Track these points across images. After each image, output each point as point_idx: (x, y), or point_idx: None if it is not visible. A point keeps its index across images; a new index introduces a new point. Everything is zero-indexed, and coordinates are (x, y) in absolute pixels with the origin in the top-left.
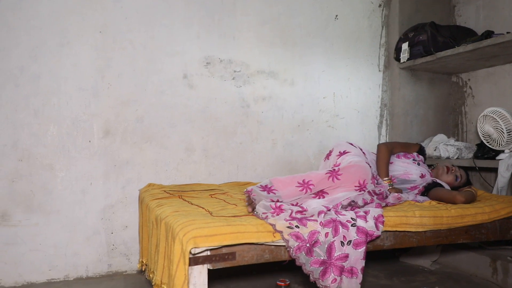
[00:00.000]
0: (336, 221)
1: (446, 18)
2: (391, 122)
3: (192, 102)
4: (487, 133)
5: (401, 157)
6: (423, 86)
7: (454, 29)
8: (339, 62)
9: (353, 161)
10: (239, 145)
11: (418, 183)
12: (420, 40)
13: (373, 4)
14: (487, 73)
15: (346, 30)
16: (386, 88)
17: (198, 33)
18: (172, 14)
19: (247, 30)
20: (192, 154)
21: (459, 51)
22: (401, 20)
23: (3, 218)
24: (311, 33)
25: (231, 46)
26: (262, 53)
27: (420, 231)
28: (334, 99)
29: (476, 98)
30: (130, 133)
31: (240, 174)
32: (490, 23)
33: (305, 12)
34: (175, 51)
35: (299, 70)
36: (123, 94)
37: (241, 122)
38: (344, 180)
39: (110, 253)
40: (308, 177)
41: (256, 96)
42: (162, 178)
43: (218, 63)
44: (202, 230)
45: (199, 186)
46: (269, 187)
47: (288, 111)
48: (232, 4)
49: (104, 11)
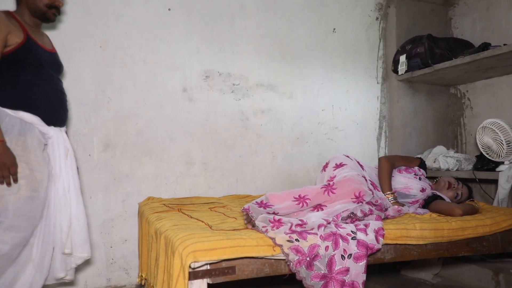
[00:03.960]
0: (336, 234)
1: (443, 31)
2: (390, 134)
3: (191, 116)
4: (487, 145)
5: (402, 171)
6: (422, 98)
7: (451, 41)
8: (338, 74)
9: (347, 175)
10: (239, 158)
11: (419, 197)
12: (417, 53)
13: (371, 17)
14: (485, 84)
15: (344, 43)
16: (385, 100)
17: (197, 47)
18: (172, 28)
19: (246, 43)
20: (191, 167)
21: (456, 63)
22: (399, 32)
23: None
24: (310, 46)
25: (230, 60)
26: (261, 66)
27: (421, 244)
28: (333, 112)
29: (474, 110)
30: (130, 147)
31: (239, 187)
32: (486, 35)
33: (303, 26)
34: (175, 65)
35: (298, 83)
36: (123, 108)
37: (241, 135)
38: (339, 193)
39: (109, 267)
40: (304, 192)
41: (255, 109)
42: (162, 192)
43: (218, 77)
44: (201, 244)
45: (199, 199)
46: (265, 203)
47: (287, 124)
48: (231, 19)
49: (105, 26)
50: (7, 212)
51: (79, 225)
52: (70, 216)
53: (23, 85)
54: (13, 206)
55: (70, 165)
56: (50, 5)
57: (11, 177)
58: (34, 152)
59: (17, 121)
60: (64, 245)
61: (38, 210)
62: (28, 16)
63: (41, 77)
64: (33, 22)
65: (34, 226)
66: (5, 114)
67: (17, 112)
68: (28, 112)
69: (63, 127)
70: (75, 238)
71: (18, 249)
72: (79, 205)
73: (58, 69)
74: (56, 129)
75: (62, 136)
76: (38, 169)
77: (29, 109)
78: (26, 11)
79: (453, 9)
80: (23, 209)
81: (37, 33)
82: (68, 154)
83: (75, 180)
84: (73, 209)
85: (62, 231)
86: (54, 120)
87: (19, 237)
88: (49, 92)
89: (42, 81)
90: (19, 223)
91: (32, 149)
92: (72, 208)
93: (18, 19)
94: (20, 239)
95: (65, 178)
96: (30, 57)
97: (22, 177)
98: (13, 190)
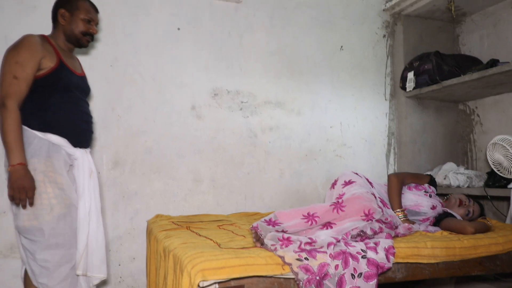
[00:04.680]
0: (346, 253)
1: (451, 47)
2: (399, 151)
3: (200, 133)
4: (497, 161)
5: (412, 188)
6: (430, 114)
7: (459, 58)
8: (346, 91)
9: (356, 192)
10: (247, 175)
11: (429, 215)
12: (425, 69)
13: (378, 35)
14: (494, 100)
15: (352, 60)
16: (393, 116)
17: (206, 65)
18: (181, 46)
19: (254, 61)
20: (200, 184)
21: (465, 80)
22: (406, 50)
23: (12, 250)
24: (317, 64)
25: (238, 77)
26: (269, 83)
27: (432, 263)
28: (341, 128)
29: (484, 126)
30: (139, 164)
31: (248, 204)
32: (494, 51)
33: (311, 43)
34: (183, 82)
35: (306, 100)
36: (132, 126)
37: (249, 152)
38: (349, 211)
39: (117, 286)
40: (313, 210)
41: (263, 126)
42: (170, 209)
43: (226, 94)
44: (210, 262)
45: (207, 217)
46: (274, 221)
47: (295, 141)
48: (239, 37)
49: (115, 45)
50: (42, 232)
51: (97, 246)
52: (88, 237)
53: (51, 108)
54: (47, 226)
55: (93, 186)
56: (86, 32)
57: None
58: (62, 172)
59: (45, 143)
60: (77, 266)
61: (71, 227)
62: (63, 40)
63: (69, 100)
64: (67, 46)
65: (72, 242)
66: (34, 136)
67: (46, 134)
68: (55, 134)
69: (88, 148)
70: (93, 258)
71: (65, 265)
72: (99, 225)
73: (86, 92)
74: (82, 151)
75: (87, 157)
76: (67, 189)
77: (57, 131)
78: (62, 36)
79: (460, 26)
80: (57, 228)
81: (69, 57)
82: (92, 175)
83: (97, 201)
84: (93, 230)
85: (78, 251)
86: (80, 142)
87: (59, 253)
88: (76, 115)
89: (70, 104)
90: (56, 240)
91: (60, 169)
92: (91, 229)
93: (52, 44)
94: (61, 255)
95: (87, 199)
96: (60, 82)
97: (54, 196)
98: (47, 210)
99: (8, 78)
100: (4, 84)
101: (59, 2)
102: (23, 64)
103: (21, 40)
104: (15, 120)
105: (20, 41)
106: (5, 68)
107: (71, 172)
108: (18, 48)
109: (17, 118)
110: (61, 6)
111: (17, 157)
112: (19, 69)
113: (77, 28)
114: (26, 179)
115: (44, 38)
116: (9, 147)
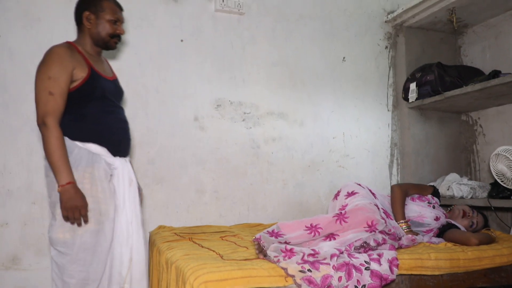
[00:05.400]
0: (349, 264)
1: (453, 58)
2: (402, 162)
3: (203, 144)
4: (501, 172)
5: (415, 199)
6: (433, 125)
7: (461, 69)
8: (348, 102)
9: (359, 203)
10: (250, 186)
11: (433, 226)
12: (427, 80)
13: (380, 46)
14: (497, 111)
15: (354, 71)
16: (396, 127)
17: (209, 76)
18: (184, 58)
19: (257, 72)
20: (202, 195)
21: (467, 91)
22: (408, 61)
23: (14, 261)
24: (320, 75)
25: (241, 88)
26: (271, 94)
27: (436, 275)
28: (343, 139)
29: (487, 137)
30: (142, 175)
31: (251, 215)
32: (496, 63)
33: (313, 55)
34: (186, 94)
35: (308, 111)
36: (135, 137)
37: (252, 163)
38: (352, 222)
39: None
40: (316, 221)
41: (266, 137)
42: (173, 220)
43: (229, 105)
44: (213, 274)
45: (210, 228)
46: (277, 232)
47: (298, 152)
48: (241, 48)
49: (119, 58)
50: (73, 245)
51: (138, 259)
52: (132, 250)
53: (88, 118)
54: (79, 240)
55: (133, 196)
56: (113, 34)
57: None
58: (101, 183)
59: (85, 153)
60: (124, 279)
61: (103, 245)
62: (90, 45)
63: (105, 109)
64: (94, 51)
65: (100, 261)
66: (75, 146)
67: (85, 144)
68: (95, 143)
69: (127, 157)
70: (134, 272)
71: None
72: (140, 238)
73: (120, 96)
74: (122, 160)
75: (127, 166)
76: (104, 201)
77: (96, 141)
78: (88, 40)
79: (462, 38)
80: (88, 242)
81: (98, 61)
82: (132, 184)
83: (137, 212)
84: (134, 242)
85: (123, 265)
86: (119, 151)
87: (85, 271)
88: (113, 123)
89: (106, 113)
90: (84, 256)
91: (99, 180)
92: (133, 241)
93: (81, 52)
94: (86, 274)
95: (128, 210)
96: (95, 91)
97: (88, 210)
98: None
99: (44, 96)
100: (41, 102)
101: (83, 4)
102: (56, 78)
103: (50, 53)
104: (58, 139)
105: (48, 55)
106: (38, 85)
107: (111, 183)
108: (48, 62)
109: (59, 136)
110: (85, 9)
111: (65, 177)
112: (53, 84)
113: (104, 30)
114: (77, 198)
115: (71, 47)
116: (56, 166)
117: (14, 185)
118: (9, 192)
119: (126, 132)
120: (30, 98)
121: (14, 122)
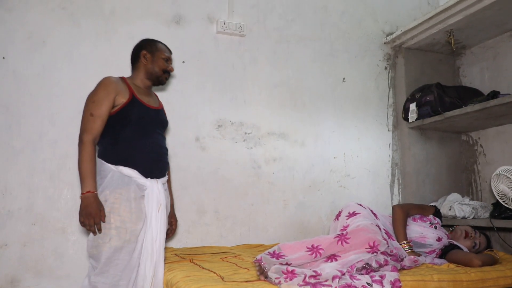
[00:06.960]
0: (351, 286)
1: (452, 79)
2: (403, 181)
3: (204, 164)
4: (502, 192)
5: (417, 220)
6: (433, 145)
7: (460, 90)
8: (349, 122)
9: (361, 224)
10: (251, 206)
11: (435, 247)
12: (427, 101)
13: (379, 67)
14: (497, 131)
15: (354, 91)
16: (396, 147)
17: (210, 97)
18: (185, 79)
19: (258, 93)
20: (203, 216)
21: (467, 111)
22: (407, 81)
23: (13, 284)
24: (321, 95)
25: (242, 109)
26: (272, 115)
27: None
28: (344, 159)
29: (488, 157)
30: None
31: (251, 235)
32: (495, 83)
33: (314, 75)
34: (188, 114)
35: (309, 131)
36: None
37: (253, 183)
38: (353, 243)
39: None
40: (317, 242)
41: (267, 157)
42: (173, 241)
43: (230, 126)
44: None
45: (211, 249)
46: (278, 253)
47: (299, 172)
48: (242, 69)
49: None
50: (100, 260)
51: (156, 282)
52: (155, 267)
53: (123, 141)
54: (105, 255)
55: (160, 219)
56: (165, 69)
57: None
58: (129, 204)
59: (117, 175)
60: None
61: (127, 260)
62: (141, 79)
63: (140, 133)
64: (144, 84)
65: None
66: (109, 169)
67: (118, 166)
68: (127, 166)
69: (160, 179)
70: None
71: None
72: (160, 261)
73: (162, 125)
74: (153, 181)
75: (157, 187)
76: (130, 221)
77: (128, 163)
78: (141, 75)
79: (460, 59)
80: (112, 258)
81: (144, 93)
82: (160, 208)
83: (161, 236)
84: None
85: (146, 280)
86: (151, 172)
87: (108, 283)
88: (146, 147)
89: (140, 137)
90: (108, 268)
91: (128, 201)
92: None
93: (127, 83)
94: (109, 286)
95: (154, 229)
96: (132, 115)
97: (114, 227)
98: (105, 239)
99: (86, 116)
100: (82, 122)
101: (141, 46)
102: (99, 102)
103: (100, 82)
104: (89, 153)
105: (98, 83)
106: (84, 108)
107: (142, 203)
108: (96, 88)
109: (90, 151)
110: (143, 48)
111: (87, 186)
112: (95, 107)
113: (158, 66)
114: (93, 206)
115: (121, 79)
116: (82, 177)
117: (14, 206)
118: (10, 213)
119: (160, 155)
120: (34, 119)
121: (16, 143)
